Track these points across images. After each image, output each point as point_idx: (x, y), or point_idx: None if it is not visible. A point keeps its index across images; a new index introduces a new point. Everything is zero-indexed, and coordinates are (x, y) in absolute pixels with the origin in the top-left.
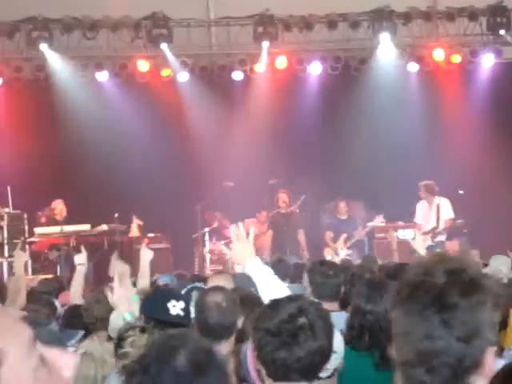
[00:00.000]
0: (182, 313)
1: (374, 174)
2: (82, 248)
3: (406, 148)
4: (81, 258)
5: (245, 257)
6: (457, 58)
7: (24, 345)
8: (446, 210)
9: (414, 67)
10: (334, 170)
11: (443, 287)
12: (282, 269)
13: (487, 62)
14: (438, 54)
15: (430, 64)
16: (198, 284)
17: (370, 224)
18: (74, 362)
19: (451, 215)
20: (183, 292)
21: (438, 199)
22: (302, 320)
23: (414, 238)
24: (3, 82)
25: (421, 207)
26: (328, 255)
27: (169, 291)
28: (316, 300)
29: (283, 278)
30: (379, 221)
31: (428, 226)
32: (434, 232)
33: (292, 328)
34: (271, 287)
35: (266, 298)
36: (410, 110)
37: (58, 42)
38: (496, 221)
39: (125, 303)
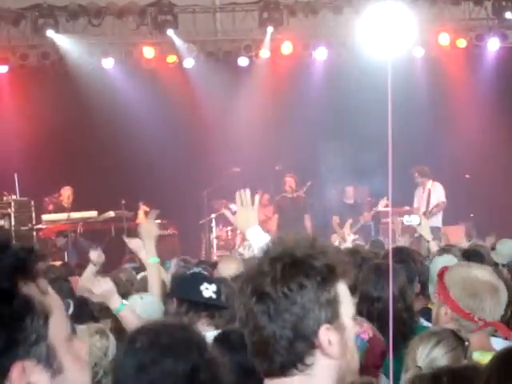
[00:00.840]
0: (214, 295)
1: (380, 158)
2: (99, 250)
3: (412, 133)
4: (96, 257)
5: (248, 223)
6: (462, 43)
7: (62, 313)
8: (437, 193)
9: (419, 52)
10: (340, 154)
11: (260, 277)
12: None
13: (492, 46)
14: (444, 39)
15: (436, 48)
16: (196, 269)
17: (378, 209)
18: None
19: (443, 199)
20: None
21: (430, 183)
22: None
23: (419, 224)
24: (9, 70)
25: (416, 193)
26: (335, 241)
27: (201, 274)
28: None
29: None
30: (383, 203)
31: (421, 210)
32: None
33: None
34: None
35: None
36: (416, 94)
37: (63, 28)
38: (502, 205)
39: (112, 297)
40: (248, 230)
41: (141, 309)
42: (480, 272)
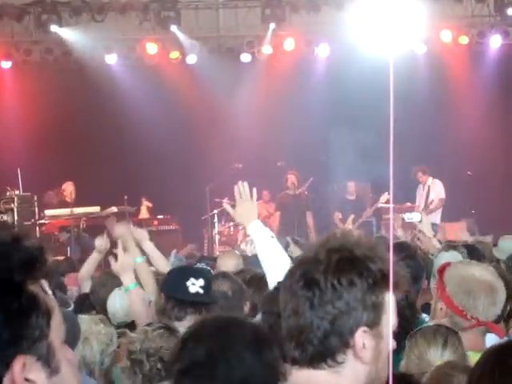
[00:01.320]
0: (201, 290)
1: (382, 155)
2: (105, 234)
3: (414, 129)
4: (101, 243)
5: (248, 217)
6: (464, 40)
7: (60, 315)
8: (436, 190)
9: (421, 49)
10: (342, 151)
11: (314, 264)
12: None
13: (494, 43)
14: (446, 36)
15: (438, 45)
16: (199, 264)
17: (379, 205)
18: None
19: (442, 195)
20: None
21: (430, 180)
22: None
23: (420, 221)
24: (12, 65)
25: (418, 191)
26: None
27: (187, 269)
28: None
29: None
30: (384, 198)
31: (421, 207)
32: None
33: None
34: (270, 250)
35: (263, 260)
36: (418, 91)
37: (66, 24)
38: (504, 202)
39: (129, 271)
40: (249, 225)
41: (124, 301)
42: (479, 271)
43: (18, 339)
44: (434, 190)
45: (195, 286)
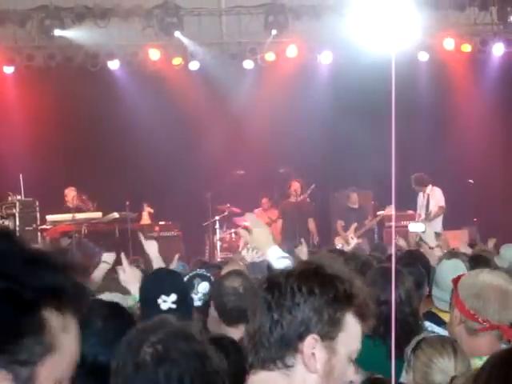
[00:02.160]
0: (174, 305)
1: (384, 162)
2: (113, 253)
3: (416, 136)
4: (109, 258)
5: (264, 242)
6: (467, 48)
7: (68, 359)
8: (436, 198)
9: (424, 56)
10: (344, 158)
11: (283, 271)
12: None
13: (497, 51)
14: (448, 44)
15: (440, 53)
16: (199, 271)
17: (381, 213)
18: None
19: (442, 203)
20: (185, 279)
21: (429, 189)
22: None
23: (424, 231)
24: (15, 70)
25: (418, 200)
26: (338, 244)
27: (158, 286)
28: None
29: None
30: (390, 210)
31: (421, 215)
32: (423, 221)
33: None
34: None
35: None
36: (420, 98)
37: (69, 30)
38: (506, 210)
39: (135, 283)
40: (268, 250)
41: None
42: (490, 276)
43: (0, 352)
44: (434, 197)
45: (167, 302)
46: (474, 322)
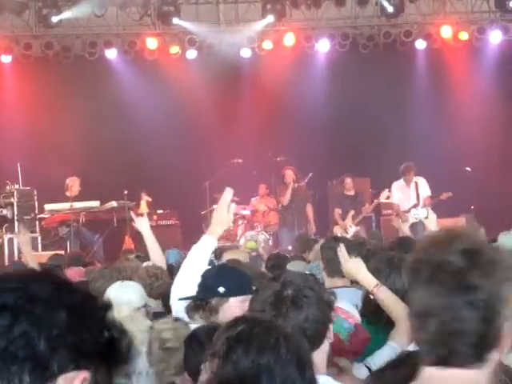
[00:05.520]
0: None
1: (381, 150)
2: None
3: (413, 125)
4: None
5: (219, 226)
6: (464, 35)
7: None
8: (423, 188)
9: (421, 44)
10: (341, 146)
11: (465, 269)
12: (303, 243)
13: (494, 38)
14: (446, 32)
15: (438, 41)
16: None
17: (379, 201)
18: None
19: (428, 193)
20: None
21: (415, 178)
22: (286, 293)
23: (426, 217)
24: (12, 59)
25: (397, 187)
26: (337, 232)
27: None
28: (310, 273)
29: (303, 251)
30: (385, 195)
31: (408, 204)
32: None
33: (274, 301)
34: (199, 265)
35: (185, 267)
36: (418, 86)
37: (66, 19)
38: (503, 198)
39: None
40: (214, 236)
41: (123, 294)
42: None
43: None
44: (421, 187)
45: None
46: None
